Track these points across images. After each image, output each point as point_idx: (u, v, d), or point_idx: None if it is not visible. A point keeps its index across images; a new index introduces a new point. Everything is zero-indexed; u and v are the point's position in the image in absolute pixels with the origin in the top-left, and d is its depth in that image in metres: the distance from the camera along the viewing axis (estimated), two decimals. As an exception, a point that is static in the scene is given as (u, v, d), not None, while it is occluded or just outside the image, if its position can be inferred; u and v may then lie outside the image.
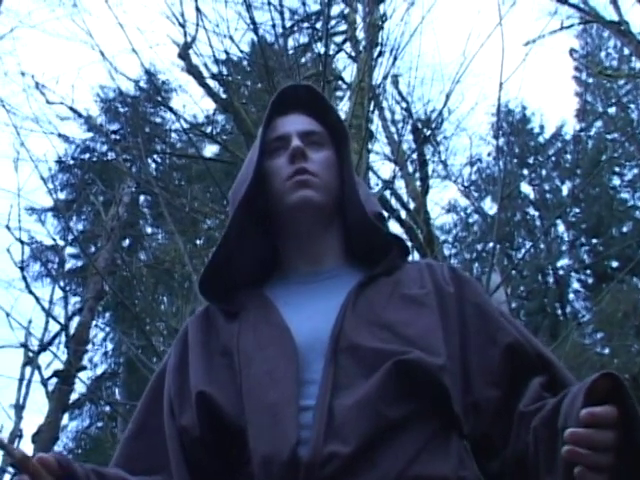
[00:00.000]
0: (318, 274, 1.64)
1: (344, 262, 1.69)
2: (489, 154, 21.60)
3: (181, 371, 1.54)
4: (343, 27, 10.48)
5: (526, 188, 23.76)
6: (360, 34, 9.20)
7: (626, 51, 19.10)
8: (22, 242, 9.60)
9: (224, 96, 8.03)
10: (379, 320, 1.48)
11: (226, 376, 1.46)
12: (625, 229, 21.65)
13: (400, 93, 11.31)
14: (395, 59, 7.49)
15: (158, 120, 14.91)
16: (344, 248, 1.72)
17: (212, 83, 8.36)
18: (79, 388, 14.25)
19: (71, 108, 9.73)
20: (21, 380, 12.99)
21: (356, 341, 1.43)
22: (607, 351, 16.39)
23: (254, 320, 1.55)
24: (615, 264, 20.59)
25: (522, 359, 1.48)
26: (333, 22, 9.92)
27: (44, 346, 12.59)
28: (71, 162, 16.75)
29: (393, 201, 10.28)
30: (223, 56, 7.97)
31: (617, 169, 22.25)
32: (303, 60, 9.06)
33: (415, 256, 8.42)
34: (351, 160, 1.77)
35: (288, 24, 9.07)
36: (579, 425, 1.15)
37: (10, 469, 9.17)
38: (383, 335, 1.44)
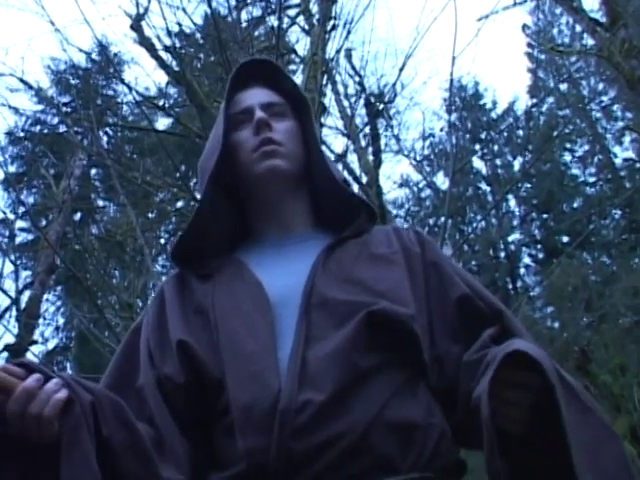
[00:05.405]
0: (288, 239, 1.69)
1: (313, 228, 1.74)
2: (442, 129, 21.65)
3: (160, 326, 1.58)
4: (296, 0, 10.44)
5: (478, 163, 23.98)
6: (314, 7, 9.17)
7: (578, 28, 19.21)
8: (-28, 215, 9.49)
9: (177, 68, 7.95)
10: (349, 277, 1.54)
11: (202, 333, 1.51)
12: (575, 204, 21.93)
13: (353, 67, 11.33)
14: (348, 33, 7.51)
15: (110, 92, 14.73)
16: (312, 215, 1.77)
17: (165, 55, 8.28)
18: (30, 362, 14.15)
19: (21, 80, 9.64)
20: (-29, 354, 12.86)
21: (328, 296, 1.48)
22: (557, 324, 16.63)
23: (228, 279, 1.60)
24: (565, 239, 20.85)
25: (473, 312, 1.54)
26: (287, -5, 9.85)
27: (-6, 320, 12.47)
28: (21, 134, 16.56)
29: (345, 175, 10.30)
30: (176, 28, 7.87)
31: (568, 145, 22.47)
32: (256, 33, 8.99)
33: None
34: (315, 128, 1.82)
35: (241, -4, 9.02)
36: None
37: None
38: (354, 289, 1.50)
